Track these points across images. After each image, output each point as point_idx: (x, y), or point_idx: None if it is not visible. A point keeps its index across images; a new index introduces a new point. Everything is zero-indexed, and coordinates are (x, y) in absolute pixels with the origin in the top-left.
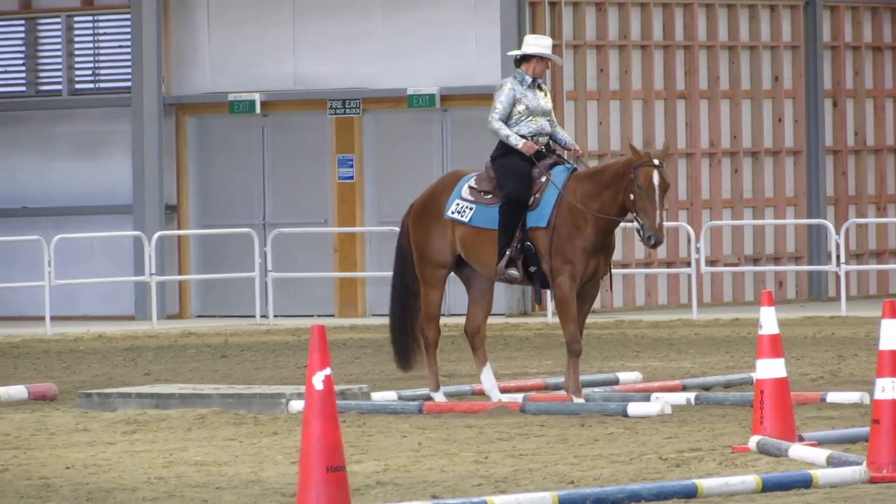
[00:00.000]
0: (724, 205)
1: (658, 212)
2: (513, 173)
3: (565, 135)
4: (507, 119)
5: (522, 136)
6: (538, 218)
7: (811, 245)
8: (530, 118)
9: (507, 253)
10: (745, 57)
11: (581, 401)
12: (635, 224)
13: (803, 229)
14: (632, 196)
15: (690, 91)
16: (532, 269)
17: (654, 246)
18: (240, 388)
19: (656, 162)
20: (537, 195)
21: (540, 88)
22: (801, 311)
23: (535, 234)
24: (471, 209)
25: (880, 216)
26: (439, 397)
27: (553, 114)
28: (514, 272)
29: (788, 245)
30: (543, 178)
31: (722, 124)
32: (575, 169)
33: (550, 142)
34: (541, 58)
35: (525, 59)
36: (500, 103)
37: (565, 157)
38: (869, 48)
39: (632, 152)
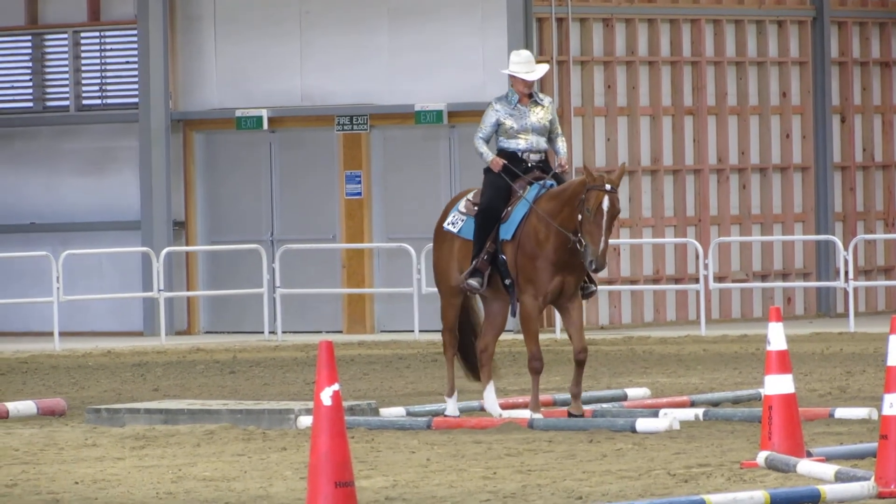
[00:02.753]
0: (732, 221)
1: (603, 237)
2: (491, 186)
3: (562, 147)
4: (494, 137)
5: (513, 153)
6: (506, 230)
7: (819, 261)
8: (521, 135)
9: (474, 263)
10: (752, 73)
11: (538, 416)
12: (578, 245)
13: (811, 245)
14: (580, 217)
15: (698, 107)
16: (507, 281)
17: (595, 271)
18: (248, 403)
19: (608, 187)
20: (510, 208)
21: (537, 103)
22: (810, 327)
23: (504, 247)
24: (462, 221)
25: (889, 232)
26: (452, 403)
27: (554, 126)
28: (474, 283)
29: (797, 261)
30: (521, 192)
31: (730, 140)
32: (553, 185)
33: (547, 156)
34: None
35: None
36: (484, 124)
37: (550, 173)
38: (877, 64)
39: (585, 173)
